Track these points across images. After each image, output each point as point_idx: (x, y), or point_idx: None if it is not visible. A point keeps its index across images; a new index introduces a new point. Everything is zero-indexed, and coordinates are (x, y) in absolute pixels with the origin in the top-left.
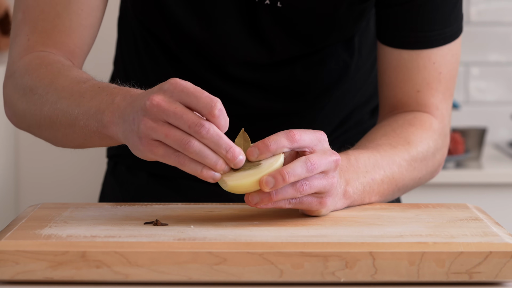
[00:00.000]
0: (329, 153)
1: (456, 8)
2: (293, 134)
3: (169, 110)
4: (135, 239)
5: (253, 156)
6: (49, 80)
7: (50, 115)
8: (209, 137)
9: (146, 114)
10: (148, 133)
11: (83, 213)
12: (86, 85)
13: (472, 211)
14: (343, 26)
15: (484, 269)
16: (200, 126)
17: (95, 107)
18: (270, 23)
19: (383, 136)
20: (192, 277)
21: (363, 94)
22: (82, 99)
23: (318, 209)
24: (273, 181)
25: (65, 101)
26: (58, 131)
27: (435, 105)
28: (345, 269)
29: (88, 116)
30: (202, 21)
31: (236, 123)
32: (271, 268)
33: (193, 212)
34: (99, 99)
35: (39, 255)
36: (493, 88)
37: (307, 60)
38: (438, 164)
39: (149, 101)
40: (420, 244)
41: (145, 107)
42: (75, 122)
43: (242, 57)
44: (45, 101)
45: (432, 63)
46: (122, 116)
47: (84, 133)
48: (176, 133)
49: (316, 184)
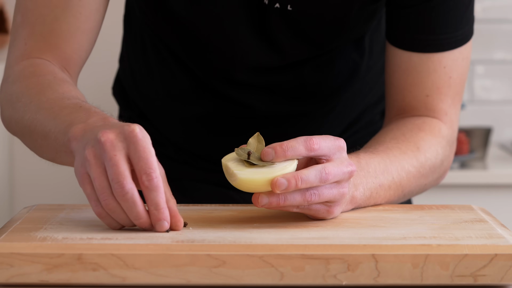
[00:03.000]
0: (346, 163)
1: (468, 11)
2: (312, 142)
3: (109, 153)
4: (132, 241)
5: (268, 157)
6: (37, 90)
7: (29, 124)
8: (124, 200)
9: (94, 145)
10: (85, 165)
11: (79, 215)
12: (69, 102)
13: (477, 213)
14: (354, 27)
15: (489, 272)
16: (121, 185)
17: (69, 121)
18: (280, 26)
19: (393, 140)
20: (191, 280)
21: (374, 95)
22: (59, 113)
23: (325, 216)
24: (286, 184)
25: (44, 112)
26: (36, 141)
27: (444, 111)
28: (347, 272)
29: (59, 129)
30: (211, 26)
31: (245, 126)
32: (272, 271)
33: (192, 213)
34: (76, 115)
35: (34, 258)
36: (498, 86)
37: (316, 61)
38: (444, 171)
39: (101, 135)
40: (424, 247)
41: (96, 138)
42: (48, 134)
43: (252, 61)
44: (27, 110)
45: (443, 67)
46: (84, 134)
47: (54, 146)
48: (102, 183)
49: (326, 194)
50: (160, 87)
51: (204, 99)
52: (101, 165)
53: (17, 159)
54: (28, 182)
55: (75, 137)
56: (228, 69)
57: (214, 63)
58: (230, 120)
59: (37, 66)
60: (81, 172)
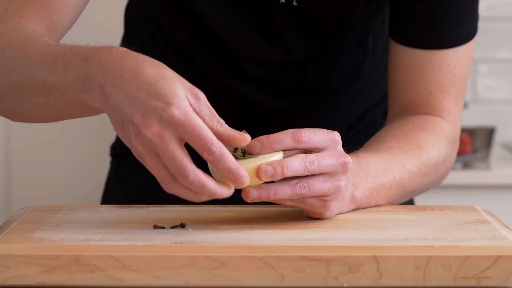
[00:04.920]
0: (337, 155)
1: (473, 8)
2: (300, 135)
3: (160, 147)
4: (130, 242)
5: (254, 150)
6: (19, 43)
7: (20, 82)
8: (192, 187)
9: (138, 135)
10: (135, 151)
11: (77, 216)
12: (57, 48)
13: (480, 214)
14: (359, 24)
15: (493, 274)
16: (184, 176)
17: (73, 76)
18: (286, 22)
19: (394, 139)
20: (190, 282)
21: (377, 94)
22: (55, 66)
23: (322, 211)
24: (272, 171)
25: (37, 67)
26: (28, 100)
27: (447, 109)
28: (348, 273)
29: (65, 86)
30: (218, 17)
31: (247, 121)
32: (272, 273)
33: (191, 214)
34: (74, 65)
35: (31, 259)
36: (502, 86)
37: (319, 59)
38: (447, 170)
39: (144, 130)
40: (426, 248)
41: (139, 130)
42: (50, 91)
43: (256, 56)
44: (13, 67)
45: (447, 65)
46: (107, 100)
47: (61, 103)
48: (160, 172)
49: (317, 187)
50: None
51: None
52: (153, 154)
53: (14, 159)
54: (25, 182)
55: (96, 100)
56: (233, 62)
57: (220, 54)
58: (230, 115)
59: (15, 26)
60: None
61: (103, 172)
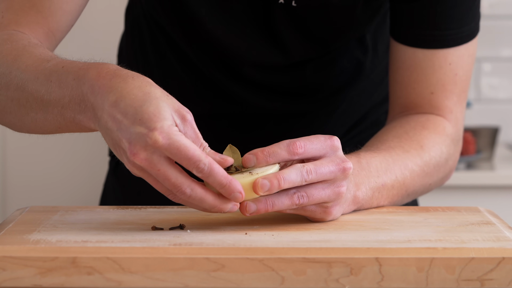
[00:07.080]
0: (336, 161)
1: (475, 6)
2: (295, 147)
3: (153, 171)
4: (128, 244)
5: (249, 164)
6: (13, 57)
7: (18, 98)
8: (191, 200)
9: (129, 160)
10: (133, 172)
11: (74, 217)
12: (50, 65)
13: (484, 215)
14: (358, 23)
15: (497, 276)
16: (182, 193)
17: (68, 96)
18: (285, 23)
19: (395, 138)
20: (189, 284)
21: (379, 94)
22: (50, 84)
23: (323, 217)
24: (268, 185)
25: (32, 84)
26: (27, 115)
27: (449, 108)
28: (350, 276)
29: (62, 105)
30: (216, 19)
31: (247, 125)
32: (272, 275)
33: (190, 215)
34: (67, 85)
35: (27, 261)
36: (506, 85)
37: (319, 60)
38: (449, 170)
39: (132, 157)
40: (429, 250)
41: (128, 157)
42: (47, 109)
43: (255, 58)
44: (9, 82)
45: (448, 64)
46: (99, 122)
47: (59, 121)
48: (161, 188)
49: (317, 195)
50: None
51: (204, 96)
52: (149, 175)
53: (10, 159)
54: (21, 182)
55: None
56: (232, 64)
57: (218, 57)
58: (231, 118)
59: (11, 34)
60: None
61: (101, 172)
